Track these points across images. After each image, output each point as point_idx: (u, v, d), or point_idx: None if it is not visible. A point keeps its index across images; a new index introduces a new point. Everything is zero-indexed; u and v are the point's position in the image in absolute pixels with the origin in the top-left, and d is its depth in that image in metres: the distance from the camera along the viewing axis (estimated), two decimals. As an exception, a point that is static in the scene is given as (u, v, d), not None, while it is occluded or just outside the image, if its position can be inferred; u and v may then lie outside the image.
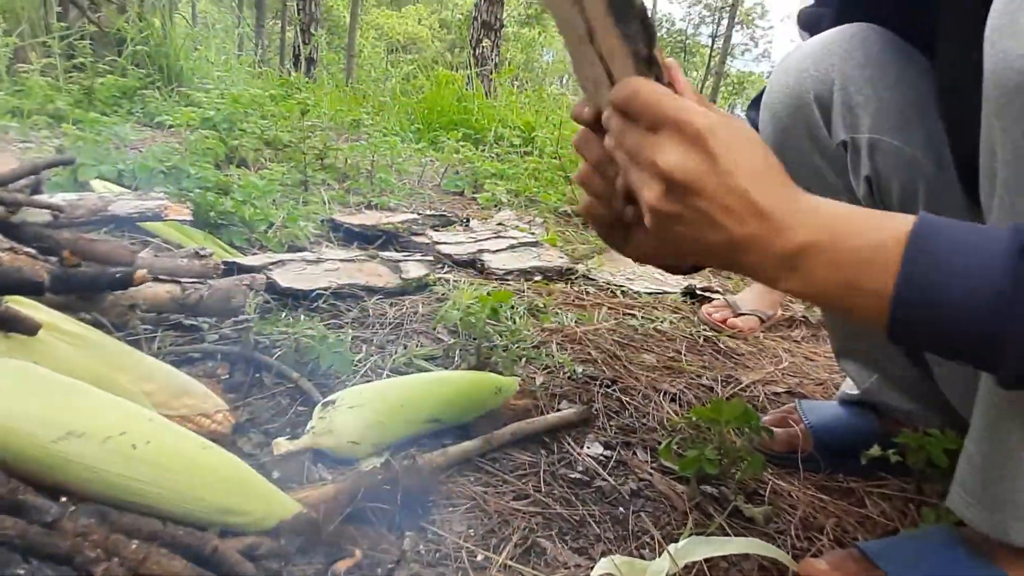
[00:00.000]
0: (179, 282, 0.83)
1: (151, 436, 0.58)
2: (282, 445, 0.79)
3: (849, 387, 0.98)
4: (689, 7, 23.02)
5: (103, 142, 1.68)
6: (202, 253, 0.89)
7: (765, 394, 1.16)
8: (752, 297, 1.54)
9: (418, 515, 0.73)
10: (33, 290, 0.63)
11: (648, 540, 0.75)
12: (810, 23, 0.88)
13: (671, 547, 0.70)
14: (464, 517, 0.75)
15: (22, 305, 0.64)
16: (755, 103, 0.91)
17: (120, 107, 2.81)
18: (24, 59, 3.00)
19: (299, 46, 8.99)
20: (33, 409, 0.54)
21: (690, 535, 0.74)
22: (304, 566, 0.65)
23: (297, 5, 8.69)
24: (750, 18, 23.71)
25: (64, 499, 0.49)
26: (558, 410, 1.00)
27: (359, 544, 0.67)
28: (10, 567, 0.38)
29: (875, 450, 0.87)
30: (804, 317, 1.59)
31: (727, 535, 0.77)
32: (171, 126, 2.37)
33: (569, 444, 0.93)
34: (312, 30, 9.12)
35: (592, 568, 0.66)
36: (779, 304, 1.58)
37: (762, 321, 1.51)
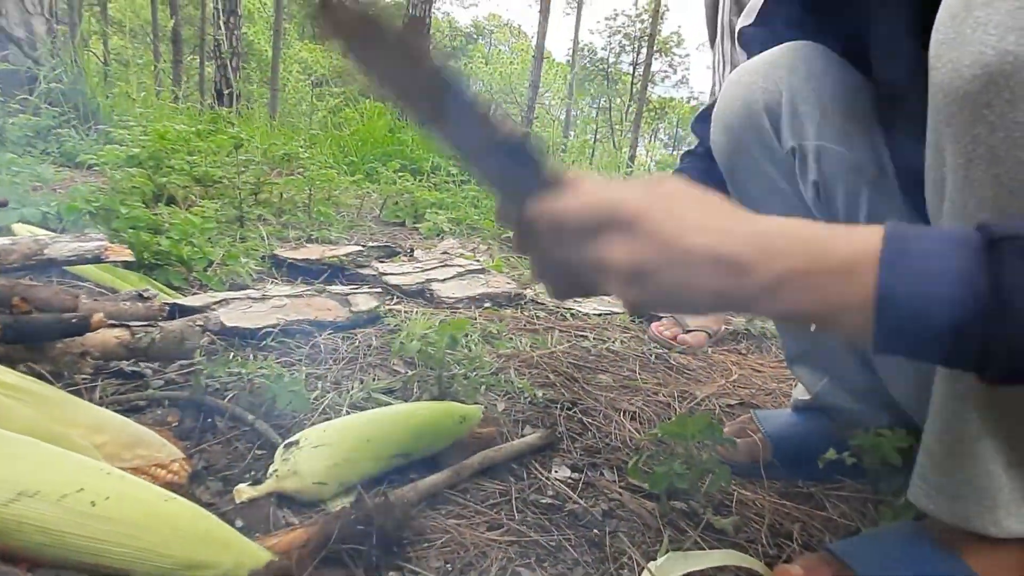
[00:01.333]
0: (128, 326, 0.78)
1: (110, 491, 0.55)
2: (244, 492, 0.75)
3: (801, 393, 1.02)
4: (609, 36, 23.90)
5: (21, 183, 1.58)
6: (145, 295, 0.85)
7: (720, 407, 1.19)
8: (697, 313, 1.59)
9: (394, 554, 0.71)
10: None
11: (627, 560, 0.75)
12: (749, 43, 0.93)
13: (651, 565, 0.70)
14: (441, 552, 0.73)
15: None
16: (700, 118, 0.95)
17: (34, 147, 2.67)
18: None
19: (219, 81, 8.78)
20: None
21: (667, 552, 0.75)
22: (279, 618, 0.61)
23: (215, 40, 8.50)
24: (668, 46, 24.83)
25: (21, 566, 0.45)
26: (522, 436, 0.99)
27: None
28: None
29: (831, 453, 0.90)
30: (747, 330, 1.65)
31: (702, 549, 0.78)
32: (92, 165, 2.27)
33: (537, 469, 0.92)
34: (234, 64, 8.94)
35: (576, 593, 0.66)
36: (723, 319, 1.64)
37: (710, 336, 1.55)
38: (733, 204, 0.49)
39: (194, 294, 1.32)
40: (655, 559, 0.72)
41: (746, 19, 0.94)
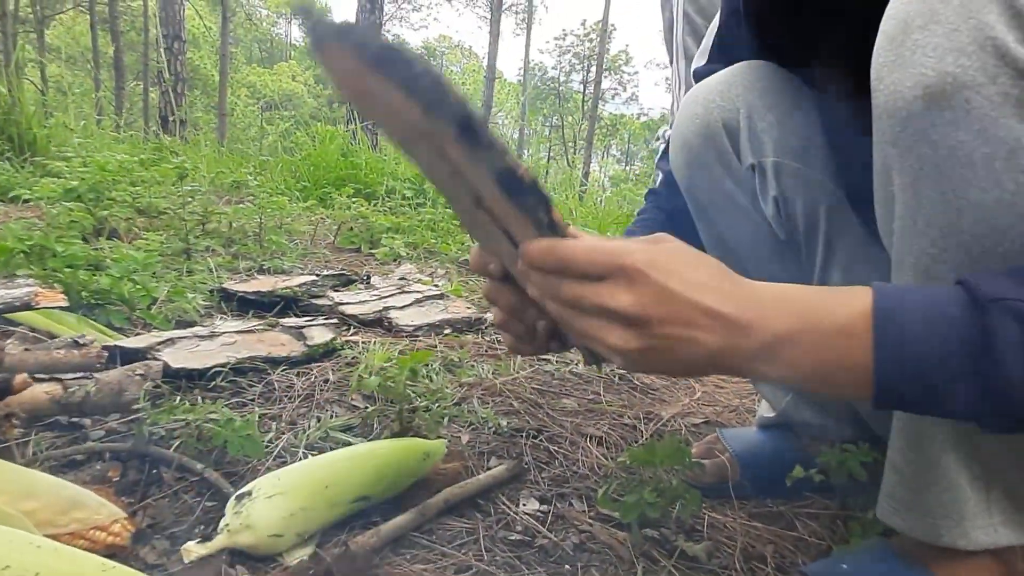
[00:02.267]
0: (60, 380, 0.73)
1: (40, 566, 0.50)
2: (192, 550, 0.70)
3: (765, 410, 1.02)
4: (559, 56, 24.24)
5: (-54, 223, 1.49)
6: (80, 341, 0.80)
7: (685, 427, 1.19)
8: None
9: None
10: None
11: (601, 597, 0.73)
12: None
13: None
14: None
15: None
16: (664, 154, 0.95)
17: (-37, 182, 2.54)
18: None
19: (164, 107, 8.58)
20: None
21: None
22: None
23: (159, 66, 8.33)
24: (617, 64, 25.33)
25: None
26: (488, 468, 0.96)
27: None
28: None
29: (798, 471, 0.89)
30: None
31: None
32: (27, 200, 2.16)
33: (504, 504, 0.89)
34: (179, 90, 8.75)
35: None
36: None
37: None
38: (729, 268, 0.51)
39: (137, 334, 1.25)
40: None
41: (700, 60, 0.95)
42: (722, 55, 0.89)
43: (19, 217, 2.01)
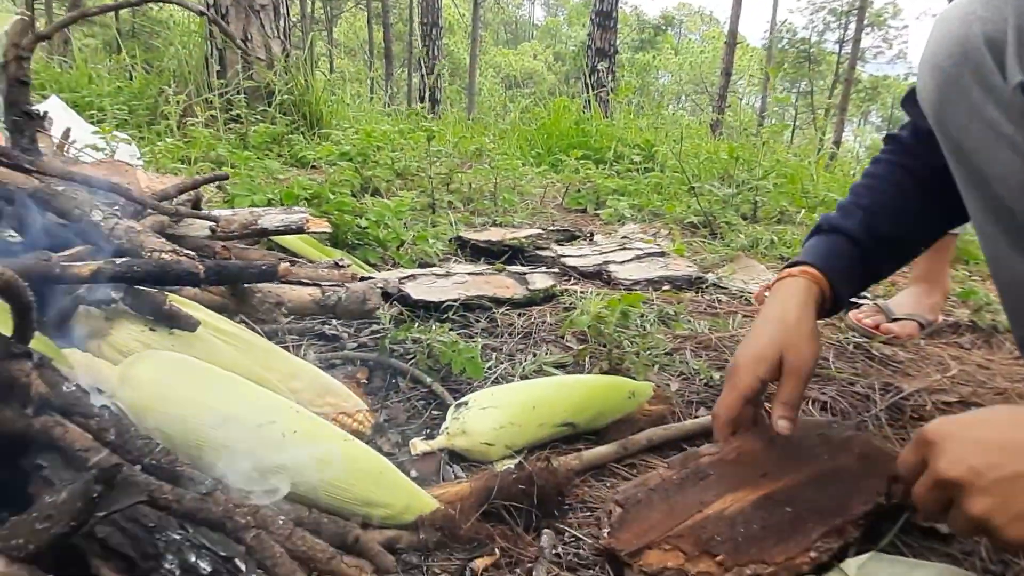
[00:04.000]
0: (319, 285, 0.87)
1: (298, 427, 0.61)
2: (418, 445, 0.80)
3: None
4: (812, 14, 21.86)
5: (255, 177, 1.84)
6: (340, 264, 0.94)
7: (933, 403, 1.04)
8: (909, 301, 1.39)
9: (554, 517, 0.71)
10: (192, 280, 0.68)
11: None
12: None
13: (849, 562, 0.63)
14: (597, 521, 0.72)
15: (184, 305, 0.70)
16: (908, 98, 0.83)
17: (271, 151, 3.08)
18: (191, 114, 3.37)
19: (424, 89, 9.54)
20: (197, 398, 0.58)
21: (858, 551, 0.66)
22: (443, 562, 0.64)
23: (420, 53, 9.24)
24: (881, 19, 22.12)
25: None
26: (695, 417, 0.95)
27: (496, 542, 0.66)
28: (168, 529, 0.40)
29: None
30: (972, 322, 1.42)
31: (901, 551, 0.68)
32: (314, 166, 2.57)
33: (710, 452, 0.87)
34: (436, 72, 9.64)
35: None
36: (940, 309, 1.42)
37: (922, 327, 1.36)
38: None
39: (387, 270, 1.43)
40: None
41: None
42: None
43: (307, 176, 2.39)
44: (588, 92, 4.88)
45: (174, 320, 0.65)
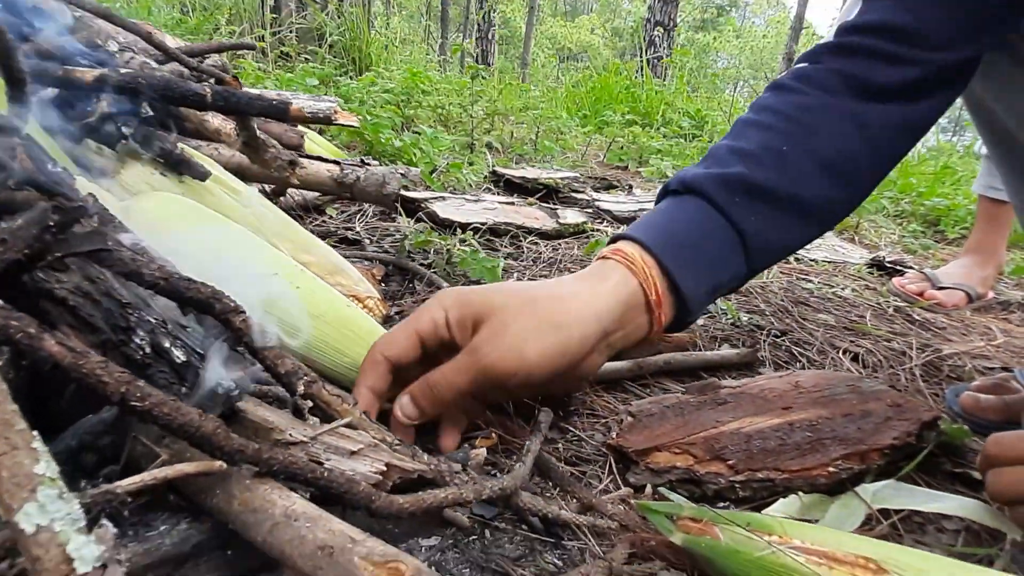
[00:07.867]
0: (339, 163, 0.85)
1: (301, 283, 0.59)
2: (427, 339, 0.78)
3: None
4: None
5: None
6: (366, 162, 0.92)
7: (973, 366, 0.98)
8: (959, 271, 1.32)
9: (559, 416, 0.69)
10: (198, 102, 0.66)
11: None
12: None
13: (863, 487, 0.59)
14: (604, 428, 0.69)
15: (196, 157, 0.69)
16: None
17: (319, 90, 3.08)
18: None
19: (477, 55, 9.48)
20: (199, 238, 0.57)
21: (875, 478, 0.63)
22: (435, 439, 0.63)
23: (477, 18, 9.14)
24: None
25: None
26: (718, 350, 0.91)
27: (495, 427, 0.64)
28: (143, 311, 0.39)
29: None
30: (1026, 302, 1.34)
31: (924, 486, 0.64)
32: (362, 102, 2.56)
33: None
34: (491, 36, 9.55)
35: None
36: (991, 283, 1.34)
37: (970, 299, 1.29)
38: None
39: (417, 191, 1.41)
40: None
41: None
42: None
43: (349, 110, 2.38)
44: (642, 57, 4.76)
45: (184, 167, 0.63)
